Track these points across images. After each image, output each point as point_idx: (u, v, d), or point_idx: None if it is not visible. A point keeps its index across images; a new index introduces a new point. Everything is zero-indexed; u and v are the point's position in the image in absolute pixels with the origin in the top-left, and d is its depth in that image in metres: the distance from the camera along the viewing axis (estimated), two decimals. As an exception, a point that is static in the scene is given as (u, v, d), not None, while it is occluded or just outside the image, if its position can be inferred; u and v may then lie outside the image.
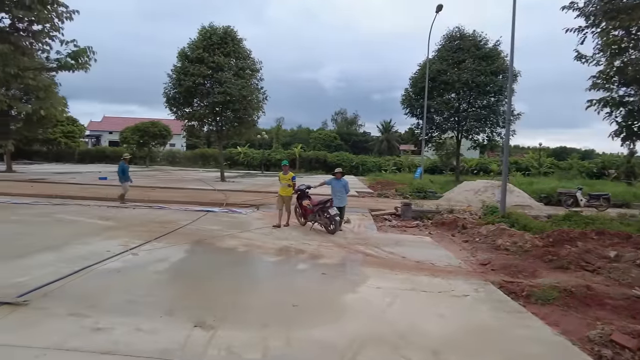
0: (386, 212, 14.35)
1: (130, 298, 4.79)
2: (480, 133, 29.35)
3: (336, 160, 53.77)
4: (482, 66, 27.20)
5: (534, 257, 8.36)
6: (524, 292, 6.06)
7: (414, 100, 29.38)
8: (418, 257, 7.70)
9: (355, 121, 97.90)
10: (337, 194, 10.38)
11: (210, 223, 10.77)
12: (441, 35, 30.35)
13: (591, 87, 8.33)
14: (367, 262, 7.24)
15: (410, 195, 20.39)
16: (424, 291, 5.58)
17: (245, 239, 8.71)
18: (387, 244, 8.82)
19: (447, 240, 10.51)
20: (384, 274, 6.39)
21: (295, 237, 9.17)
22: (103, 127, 75.78)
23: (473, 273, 6.86)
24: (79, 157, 55.31)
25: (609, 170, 40.27)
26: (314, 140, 74.68)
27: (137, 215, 11.66)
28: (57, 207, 12.58)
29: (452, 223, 12.25)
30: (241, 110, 29.37)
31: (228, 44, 29.53)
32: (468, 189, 19.69)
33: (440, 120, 29.93)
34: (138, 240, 8.16)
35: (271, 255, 7.41)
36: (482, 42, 28.56)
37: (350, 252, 7.98)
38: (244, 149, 57.10)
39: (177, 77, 29.52)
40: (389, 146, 74.84)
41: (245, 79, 30.08)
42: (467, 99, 29.11)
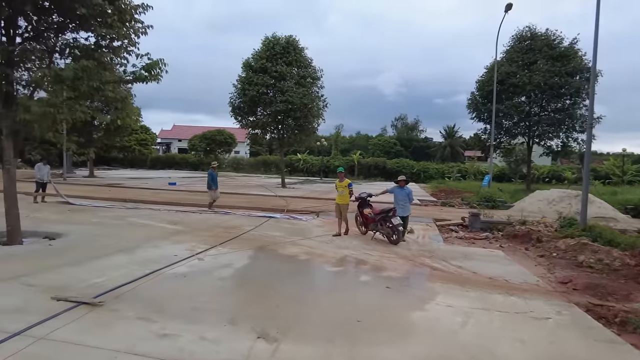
0: (452, 223, 13.68)
1: (195, 304, 4.85)
2: (553, 138, 27.26)
3: (396, 167, 52.75)
4: (557, 67, 25.28)
5: (625, 277, 7.47)
6: (617, 318, 5.38)
7: (480, 104, 28.00)
8: (490, 273, 7.17)
9: (417, 127, 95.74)
10: (401, 202, 10.01)
11: (272, 229, 10.87)
12: (510, 36, 28.75)
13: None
14: (434, 276, 6.85)
15: (477, 204, 19.35)
16: (499, 311, 5.12)
17: (306, 247, 8.64)
18: (455, 257, 8.33)
19: (520, 255, 9.76)
20: (453, 291, 5.99)
21: (356, 247, 8.96)
22: (173, 135, 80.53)
23: (553, 292, 6.24)
24: (151, 164, 59.14)
25: None
26: (373, 147, 73.98)
27: (204, 220, 12.07)
28: (130, 211, 13.39)
29: (525, 235, 11.39)
30: (302, 118, 29.80)
31: (290, 53, 30.18)
32: (541, 198, 18.30)
33: (509, 125, 28.21)
34: (204, 245, 8.39)
35: (332, 265, 7.26)
36: (556, 41, 26.57)
37: (415, 265, 7.61)
38: (304, 155, 57.88)
39: (242, 87, 30.62)
40: (452, 152, 72.21)
41: (307, 87, 30.53)
42: (539, 102, 27.19)
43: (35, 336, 3.76)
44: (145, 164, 58.87)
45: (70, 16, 9.09)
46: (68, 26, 9.25)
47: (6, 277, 5.49)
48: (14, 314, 4.28)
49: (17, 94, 8.68)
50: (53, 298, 4.74)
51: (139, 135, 57.62)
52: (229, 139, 53.10)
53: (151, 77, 9.95)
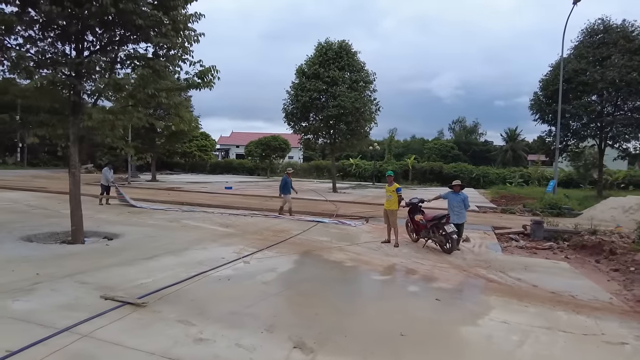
0: (512, 231, 12.78)
1: (236, 309, 4.80)
2: (631, 140, 24.80)
3: (453, 171, 50.85)
4: (635, 61, 22.97)
5: None
6: None
7: (545, 105, 26.12)
8: (553, 287, 6.52)
9: (476, 130, 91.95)
10: (455, 209, 9.46)
11: (320, 234, 10.74)
12: (579, 30, 26.62)
13: None
14: (489, 289, 6.33)
15: (541, 211, 18.02)
16: (564, 331, 4.57)
17: (352, 253, 8.41)
18: (513, 269, 7.70)
19: (590, 268, 8.86)
20: (510, 305, 5.47)
21: (405, 255, 8.57)
22: (231, 141, 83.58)
23: (630, 312, 5.51)
24: (210, 169, 61.73)
25: None
26: (429, 151, 71.98)
27: (254, 223, 12.22)
28: (186, 213, 13.87)
29: (595, 247, 10.34)
30: (354, 122, 29.62)
31: (343, 58, 30.16)
32: (615, 206, 16.65)
33: (577, 127, 26.05)
34: (251, 248, 8.44)
35: (379, 273, 6.96)
36: (635, 32, 24.17)
37: (469, 275, 7.11)
38: (356, 160, 57.56)
39: (295, 93, 31.05)
40: (514, 156, 68.46)
41: (359, 91, 30.34)
42: (613, 101, 24.88)
43: (81, 333, 3.86)
44: (205, 169, 61.57)
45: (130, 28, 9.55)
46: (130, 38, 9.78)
47: (64, 275, 5.79)
48: (66, 310, 4.46)
49: (83, 103, 9.28)
50: (102, 297, 4.90)
51: (199, 142, 60.45)
52: (283, 144, 54.02)
53: (204, 83, 10.24)
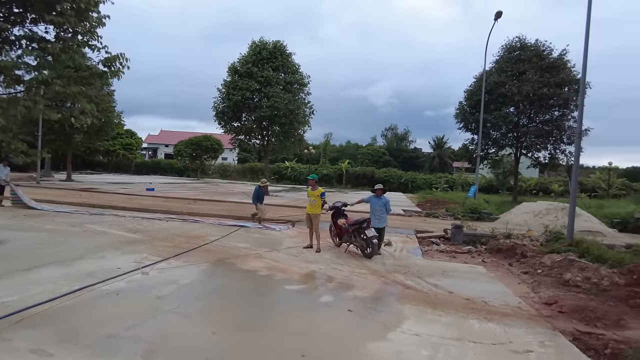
0: (434, 235, 13.01)
1: (115, 330, 4.07)
2: (541, 150, 26.88)
3: (384, 176, 52.25)
4: (546, 77, 24.96)
5: (615, 299, 6.82)
6: (607, 349, 4.72)
7: (468, 114, 27.54)
8: (468, 293, 6.48)
9: (406, 137, 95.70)
10: (377, 213, 9.31)
11: (240, 240, 10.10)
12: (500, 46, 28.48)
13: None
14: (405, 296, 6.12)
15: (462, 215, 18.76)
16: (474, 342, 4.41)
17: (270, 260, 7.89)
18: (431, 274, 7.63)
19: (504, 271, 9.10)
20: (424, 315, 5.27)
21: (326, 261, 8.22)
22: (160, 140, 79.39)
23: (536, 317, 5.55)
24: (136, 169, 57.96)
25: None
26: (362, 156, 73.60)
27: (168, 228, 11.26)
28: (94, 217, 12.52)
29: (509, 250, 10.74)
30: (287, 124, 29.21)
31: (277, 58, 29.67)
32: (527, 210, 17.78)
33: (497, 136, 27.78)
34: (156, 256, 7.62)
35: (294, 282, 6.49)
36: (545, 51, 26.30)
37: (386, 282, 6.89)
38: (292, 163, 57.16)
39: (227, 91, 29.97)
40: (441, 163, 72.13)
41: (293, 93, 29.99)
42: (527, 113, 26.83)
43: None
44: (130, 168, 57.68)
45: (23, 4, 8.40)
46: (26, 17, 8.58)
47: None
48: None
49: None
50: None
51: (124, 140, 56.58)
52: (215, 144, 52.14)
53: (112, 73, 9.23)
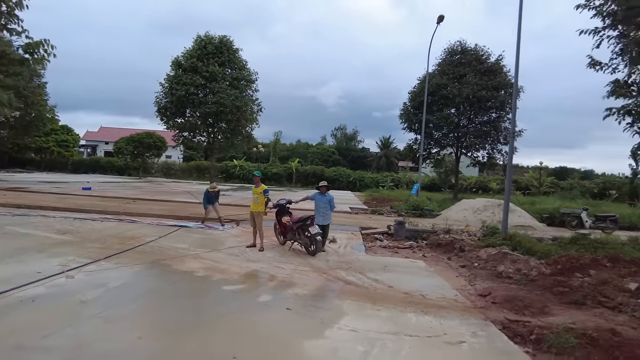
0: (378, 231, 13.23)
1: (26, 341, 3.68)
2: (480, 150, 28.29)
3: (333, 175, 52.84)
4: (484, 81, 26.28)
5: (542, 287, 7.24)
6: (532, 335, 4.95)
7: (412, 114, 28.39)
8: (407, 287, 6.58)
9: (355, 137, 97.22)
10: (321, 210, 9.28)
11: (179, 240, 9.66)
12: (442, 49, 29.62)
13: (610, 94, 7.31)
14: (345, 292, 6.10)
15: (405, 212, 19.29)
16: (410, 336, 4.45)
17: (209, 261, 7.59)
18: (373, 269, 7.70)
19: (443, 265, 9.40)
20: (363, 310, 5.27)
21: (269, 259, 8.05)
22: (99, 137, 75.02)
23: (471, 308, 5.74)
24: (73, 167, 54.31)
25: (610, 191, 39.20)
26: (312, 155, 73.86)
27: (102, 229, 10.56)
28: (18, 218, 11.49)
29: (448, 245, 11.14)
30: (234, 121, 28.56)
31: (223, 54, 28.90)
32: (467, 207, 18.60)
33: (439, 136, 28.89)
34: (85, 259, 7.07)
35: (232, 282, 6.26)
36: (484, 56, 27.67)
37: (328, 279, 6.85)
38: (240, 162, 56.16)
39: (170, 86, 28.80)
40: (387, 162, 73.95)
41: (240, 90, 29.35)
42: (467, 115, 28.13)
43: None
44: (66, 167, 53.92)
45: None
46: None
47: None
48: None
49: None
50: None
51: (59, 136, 52.77)
52: (158, 142, 49.96)
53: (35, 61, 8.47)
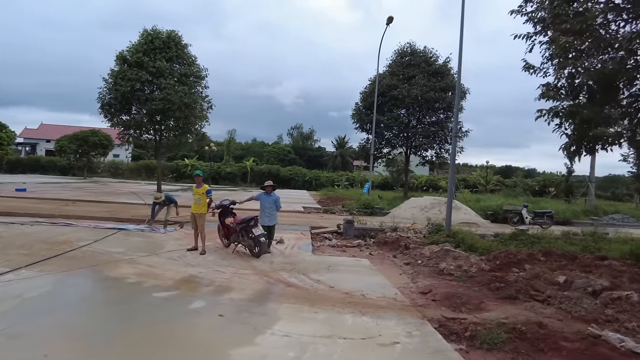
0: (328, 230, 13.20)
1: None
2: (428, 149, 29.09)
3: (289, 174, 52.60)
4: (432, 82, 27.02)
5: (480, 283, 7.44)
6: (467, 332, 5.03)
7: (364, 115, 28.69)
8: (349, 286, 6.53)
9: (311, 136, 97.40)
10: (267, 210, 9.07)
11: (116, 244, 9.13)
12: (392, 51, 30.17)
13: (540, 97, 7.65)
14: (285, 295, 5.95)
15: (357, 211, 19.44)
16: (344, 338, 4.36)
17: (144, 266, 7.18)
18: (317, 270, 7.60)
19: (388, 263, 9.48)
20: (300, 313, 5.13)
21: (209, 263, 7.73)
22: (40, 135, 70.31)
23: (409, 307, 5.76)
24: (8, 167, 50.49)
25: (549, 189, 41.74)
26: (268, 154, 73.12)
27: (31, 233, 9.78)
28: None
29: (394, 242, 11.28)
30: (182, 118, 27.61)
31: (172, 49, 27.83)
32: (415, 205, 19.03)
33: (389, 136, 29.42)
34: (4, 267, 6.47)
35: (165, 289, 5.92)
36: (432, 58, 28.45)
37: (269, 281, 6.66)
38: (192, 161, 54.57)
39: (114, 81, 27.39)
40: (343, 162, 74.62)
41: (189, 86, 28.40)
42: (416, 115, 28.82)
43: None
44: (1, 166, 50.00)
45: None
46: None
47: None
48: None
49: None
50: None
51: (-10, 133, 48.87)
52: (104, 140, 47.49)
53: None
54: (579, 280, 7.08)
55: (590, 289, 6.71)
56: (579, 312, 5.92)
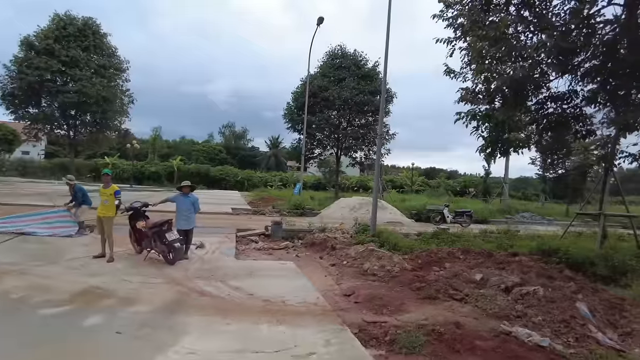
0: (255, 232, 12.75)
1: None
2: (358, 151, 29.68)
3: (219, 174, 51.06)
4: (362, 85, 27.57)
5: (402, 283, 7.48)
6: (387, 337, 4.93)
7: (295, 115, 28.59)
8: (270, 293, 6.20)
9: (244, 135, 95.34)
10: (184, 213, 8.42)
11: (11, 250, 8.01)
12: (324, 52, 30.37)
13: (459, 100, 7.89)
14: (196, 306, 5.46)
15: (287, 212, 19.17)
16: (256, 352, 4.02)
17: (37, 276, 6.29)
18: (237, 276, 7.17)
19: (315, 265, 9.29)
20: (211, 326, 4.70)
21: (115, 272, 6.96)
22: None
23: (330, 312, 5.56)
24: None
25: (469, 189, 44.62)
26: (197, 153, 70.36)
27: None
28: None
29: (322, 243, 11.14)
30: (99, 113, 25.60)
31: (88, 37, 25.69)
32: (344, 205, 19.19)
33: (321, 137, 29.58)
34: None
35: (57, 303, 5.15)
36: (362, 61, 29.08)
37: (181, 291, 6.11)
38: (114, 159, 50.92)
39: (18, 69, 24.69)
40: (277, 162, 73.97)
41: (108, 79, 26.42)
42: (346, 117, 29.25)
43: None
44: None
45: None
46: None
47: None
48: None
49: None
50: None
51: None
52: (9, 135, 42.70)
53: None
54: (494, 278, 7.36)
55: (503, 285, 7.00)
56: (493, 310, 6.11)
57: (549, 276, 7.76)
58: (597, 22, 7.50)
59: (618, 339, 5.37)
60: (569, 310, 5.71)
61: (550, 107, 8.61)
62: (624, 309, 6.13)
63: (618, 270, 9.58)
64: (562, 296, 6.14)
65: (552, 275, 7.85)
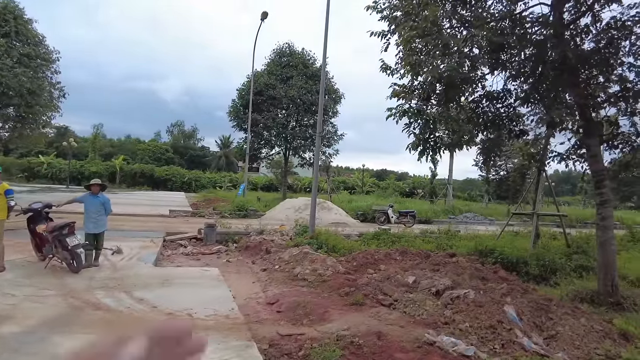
0: (186, 236, 11.91)
1: None
2: (306, 151, 29.19)
3: (165, 174, 48.92)
4: (309, 85, 27.11)
5: (331, 288, 7.03)
6: (301, 352, 4.43)
7: (241, 112, 27.63)
8: (178, 305, 5.50)
9: (194, 135, 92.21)
10: (92, 215, 7.50)
11: None
12: (271, 50, 29.64)
13: (391, 96, 7.58)
14: (85, 322, 4.67)
15: (229, 213, 18.34)
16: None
17: None
18: (148, 285, 6.41)
19: (245, 270, 8.68)
20: (92, 347, 3.99)
21: (0, 284, 6.01)
22: None
23: (241, 325, 4.96)
24: None
25: (417, 190, 45.54)
26: (143, 152, 67.05)
27: None
28: None
29: (257, 247, 10.53)
30: (24, 106, 23.43)
31: (8, 22, 23.40)
32: (289, 206, 18.64)
33: (269, 136, 28.81)
34: None
35: None
36: (310, 60, 28.63)
37: (73, 304, 5.27)
38: (49, 158, 47.38)
39: None
40: (227, 162, 72.03)
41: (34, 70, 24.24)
42: (295, 117, 28.69)
43: None
44: None
45: None
46: None
47: None
48: None
49: None
50: None
51: None
52: None
53: None
54: (425, 281, 7.09)
55: (434, 289, 6.72)
56: (421, 316, 5.79)
57: (482, 277, 7.64)
58: (527, 21, 7.48)
59: (543, 343, 5.20)
60: (497, 315, 5.48)
61: (486, 107, 8.55)
62: (550, 310, 6.02)
63: (548, 269, 9.74)
64: (490, 300, 5.91)
65: (485, 277, 7.73)
